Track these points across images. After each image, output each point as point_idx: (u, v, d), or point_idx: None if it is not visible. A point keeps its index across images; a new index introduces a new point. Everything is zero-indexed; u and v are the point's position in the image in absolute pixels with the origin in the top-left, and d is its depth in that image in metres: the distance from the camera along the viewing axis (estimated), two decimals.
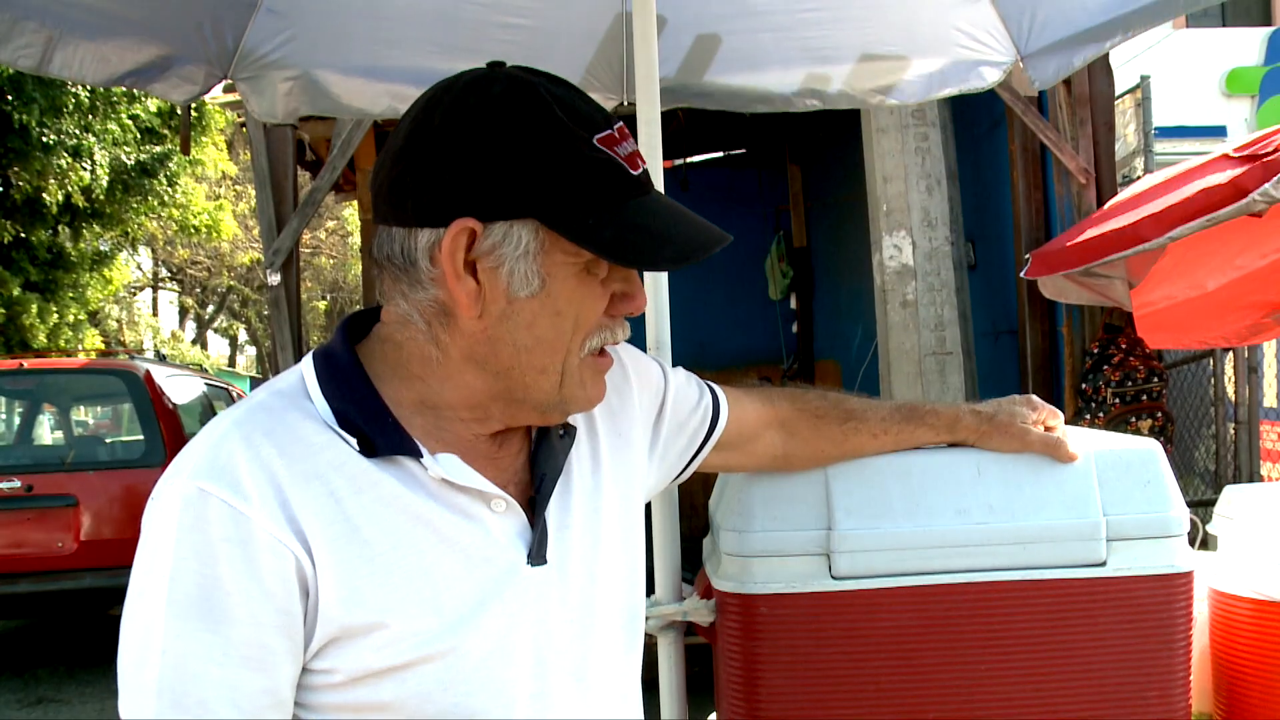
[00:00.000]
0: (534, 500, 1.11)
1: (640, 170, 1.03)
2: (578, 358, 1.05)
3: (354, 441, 1.01)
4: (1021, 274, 4.54)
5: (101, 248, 14.55)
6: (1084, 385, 4.79)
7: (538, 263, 1.00)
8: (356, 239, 21.91)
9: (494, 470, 1.09)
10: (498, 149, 0.98)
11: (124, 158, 12.66)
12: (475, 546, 1.04)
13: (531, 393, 1.06)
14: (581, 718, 1.12)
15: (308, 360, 1.09)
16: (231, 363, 32.01)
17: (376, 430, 1.02)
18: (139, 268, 25.46)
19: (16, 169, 11.45)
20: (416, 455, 1.03)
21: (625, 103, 2.48)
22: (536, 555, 1.08)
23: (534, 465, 1.14)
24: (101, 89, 10.82)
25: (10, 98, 10.78)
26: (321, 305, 27.21)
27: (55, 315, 12.99)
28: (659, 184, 1.90)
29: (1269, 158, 2.83)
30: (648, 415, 1.33)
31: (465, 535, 1.04)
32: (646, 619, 1.76)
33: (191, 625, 0.94)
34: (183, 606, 0.94)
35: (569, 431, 1.16)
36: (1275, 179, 2.72)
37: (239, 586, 0.94)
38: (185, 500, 0.95)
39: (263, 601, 0.95)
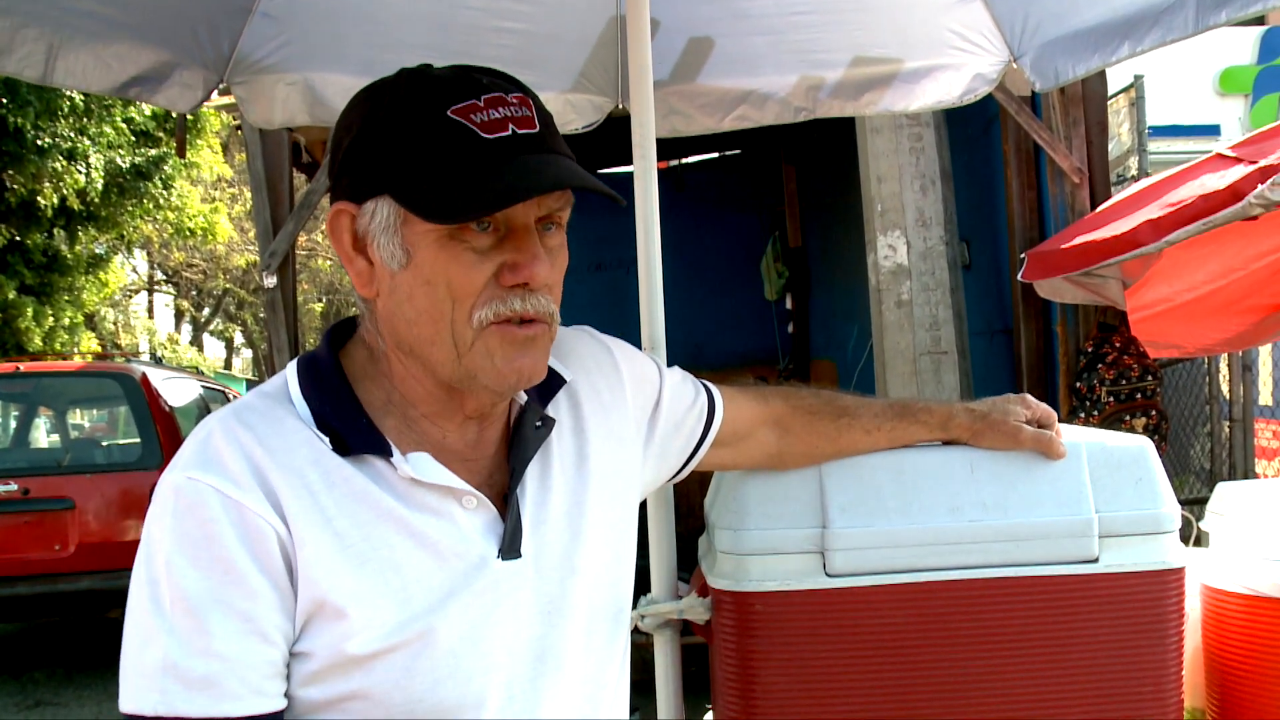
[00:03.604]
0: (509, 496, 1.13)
1: (506, 133, 1.02)
2: (468, 328, 1.05)
3: (328, 440, 1.05)
4: (1018, 276, 4.56)
5: (97, 251, 14.52)
6: (1078, 384, 4.81)
7: (400, 235, 1.05)
8: None
9: (467, 470, 1.11)
10: (360, 130, 1.06)
11: (119, 161, 12.62)
12: (446, 542, 1.07)
13: (439, 369, 1.08)
14: (557, 707, 1.13)
15: (292, 365, 1.13)
16: (228, 365, 31.97)
17: (350, 430, 1.07)
18: (134, 271, 25.41)
19: (11, 172, 11.43)
20: (387, 454, 1.07)
21: (620, 105, 2.49)
22: (509, 549, 1.10)
23: (510, 461, 1.16)
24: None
25: (4, 101, 10.75)
26: (318, 308, 27.17)
27: (51, 318, 12.95)
28: (648, 186, 1.91)
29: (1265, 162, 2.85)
30: (642, 412, 1.34)
31: (435, 531, 1.07)
32: (644, 618, 1.78)
33: (195, 604, 0.98)
34: (186, 587, 0.98)
35: (546, 423, 1.18)
36: (1270, 181, 2.74)
37: (239, 565, 0.99)
38: (178, 490, 1.00)
39: (261, 577, 0.99)
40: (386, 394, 1.12)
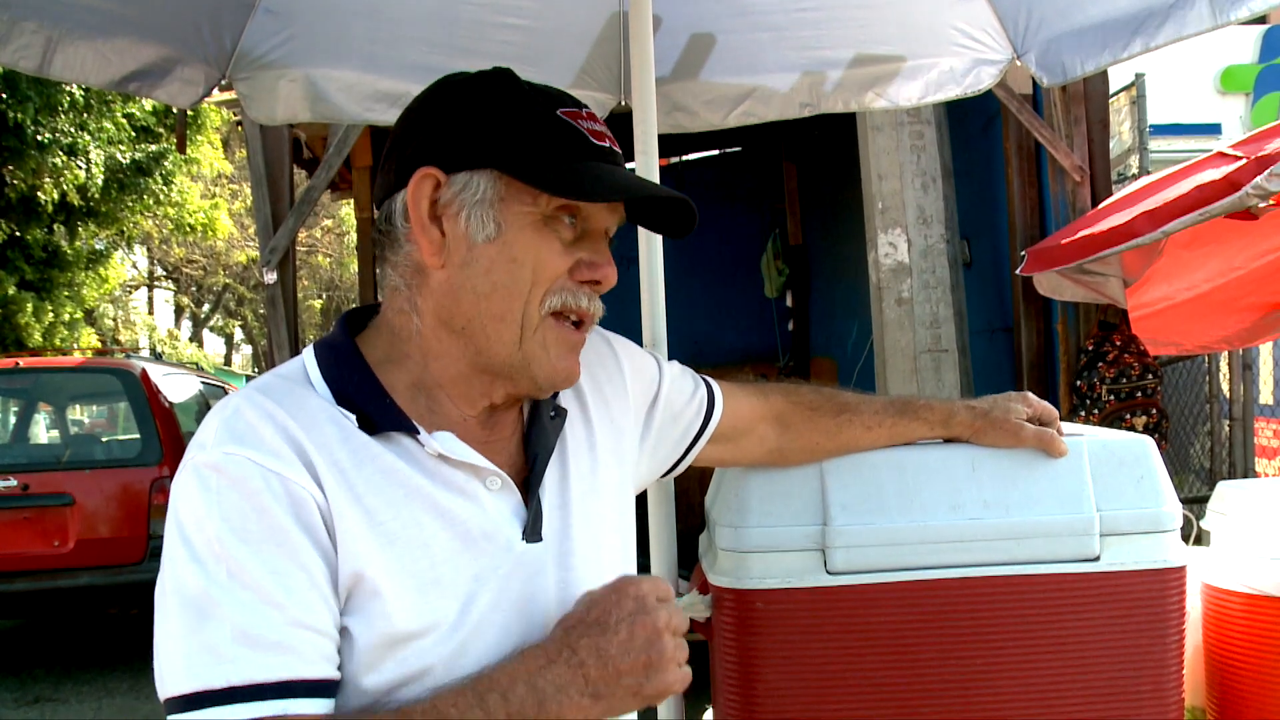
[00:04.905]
0: (528, 481, 1.14)
1: (606, 144, 1.10)
2: (537, 311, 1.09)
3: (353, 418, 1.05)
4: (1017, 271, 4.56)
5: (97, 246, 14.50)
6: (1079, 382, 4.81)
7: (495, 209, 1.07)
8: (353, 237, 21.84)
9: (486, 452, 1.11)
10: (463, 109, 1.08)
11: (119, 156, 12.61)
12: (473, 523, 1.07)
13: (495, 348, 1.09)
14: None
15: (308, 349, 1.13)
16: (227, 361, 31.98)
17: (374, 409, 1.07)
18: (134, 266, 25.37)
19: (11, 167, 11.42)
20: (413, 432, 1.07)
21: (621, 102, 2.48)
22: (531, 532, 1.11)
23: (527, 447, 1.17)
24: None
25: (5, 96, 10.73)
26: (317, 304, 27.17)
27: (51, 314, 12.94)
28: (651, 180, 1.91)
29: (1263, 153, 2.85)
30: (640, 405, 1.36)
31: (463, 511, 1.07)
32: None
33: (255, 576, 0.95)
34: (242, 560, 0.96)
35: (559, 413, 1.20)
36: (1268, 172, 2.74)
37: (291, 536, 0.98)
38: (217, 467, 0.98)
39: (313, 548, 0.99)
40: (412, 376, 1.12)
